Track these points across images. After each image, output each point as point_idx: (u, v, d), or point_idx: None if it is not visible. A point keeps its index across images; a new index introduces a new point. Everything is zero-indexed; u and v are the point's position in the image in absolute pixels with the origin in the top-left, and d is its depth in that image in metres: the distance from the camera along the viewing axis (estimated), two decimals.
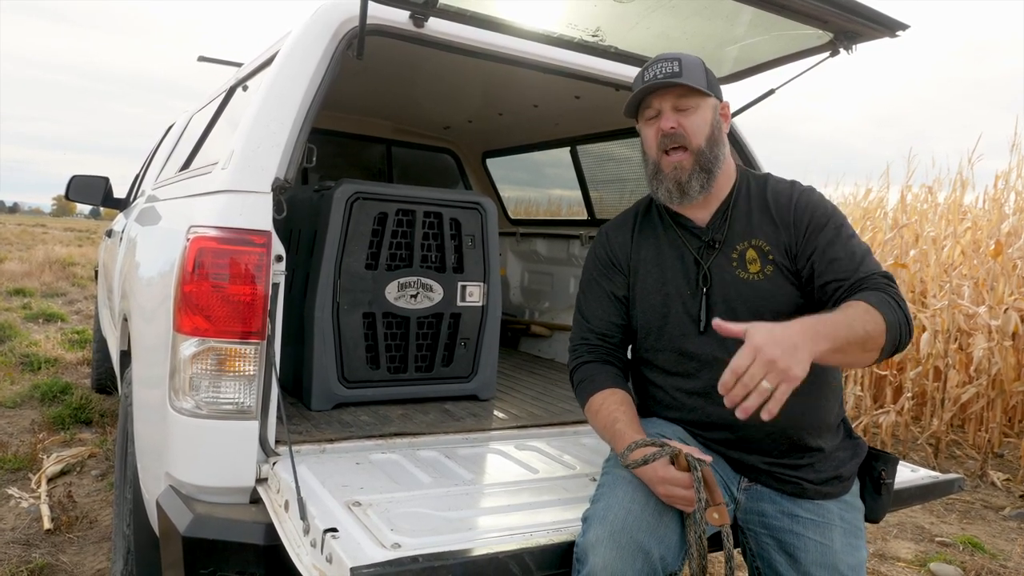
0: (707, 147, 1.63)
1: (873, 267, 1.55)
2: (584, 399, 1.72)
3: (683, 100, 1.62)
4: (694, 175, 1.63)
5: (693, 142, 1.62)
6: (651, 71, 1.64)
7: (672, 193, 1.66)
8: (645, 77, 1.65)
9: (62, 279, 13.05)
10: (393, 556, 1.28)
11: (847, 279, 1.53)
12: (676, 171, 1.64)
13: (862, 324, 1.38)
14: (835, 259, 1.56)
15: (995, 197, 5.91)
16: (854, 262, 1.55)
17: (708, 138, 1.63)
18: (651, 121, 1.67)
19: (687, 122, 1.62)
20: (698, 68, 1.63)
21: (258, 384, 1.67)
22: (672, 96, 1.63)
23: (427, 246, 2.53)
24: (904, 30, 1.95)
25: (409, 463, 1.86)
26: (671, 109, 1.63)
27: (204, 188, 1.92)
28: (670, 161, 1.64)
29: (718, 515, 1.42)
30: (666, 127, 1.63)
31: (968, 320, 5.08)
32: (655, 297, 1.70)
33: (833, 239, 1.58)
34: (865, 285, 1.51)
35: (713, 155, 1.64)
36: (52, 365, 6.04)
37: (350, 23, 1.90)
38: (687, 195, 1.65)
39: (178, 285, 1.67)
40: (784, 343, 1.26)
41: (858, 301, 1.44)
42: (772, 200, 1.66)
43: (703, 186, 1.64)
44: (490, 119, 3.81)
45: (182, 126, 3.84)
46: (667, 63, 1.63)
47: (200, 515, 1.57)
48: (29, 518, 3.15)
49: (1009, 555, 3.49)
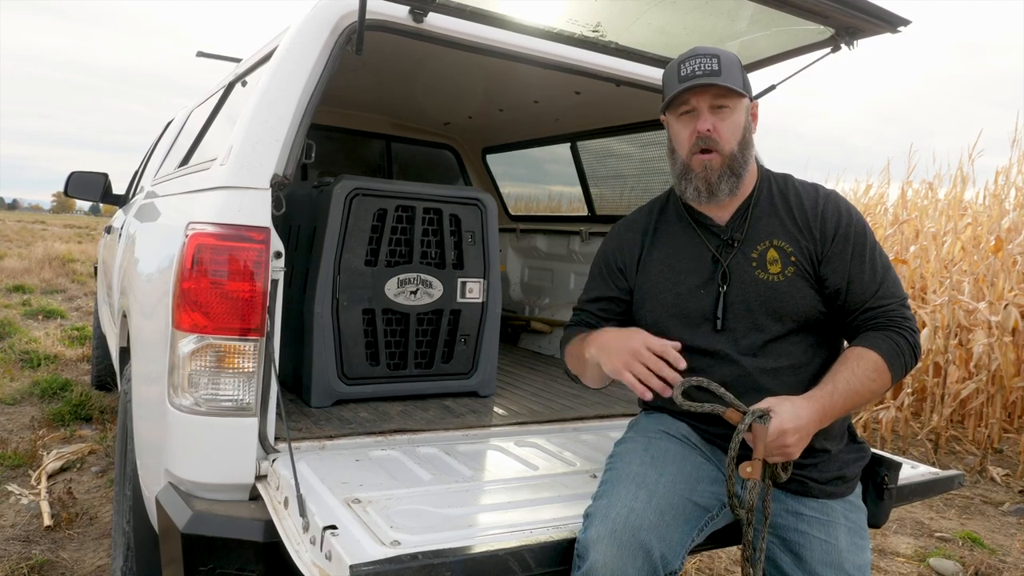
0: (739, 151, 1.62)
1: (890, 292, 1.59)
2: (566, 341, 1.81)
3: (720, 99, 1.60)
4: (723, 177, 1.62)
5: (726, 147, 1.61)
6: (689, 66, 1.59)
7: (701, 193, 1.64)
8: (682, 72, 1.60)
9: (62, 276, 13.04)
10: (392, 553, 1.28)
11: (865, 302, 1.59)
12: (706, 171, 1.62)
13: (869, 387, 1.51)
14: (858, 279, 1.59)
15: (995, 193, 5.91)
16: (875, 282, 1.59)
17: (740, 141, 1.62)
18: (684, 118, 1.64)
19: (722, 125, 1.60)
20: (736, 66, 1.61)
21: (257, 381, 1.67)
22: (709, 95, 1.59)
23: (427, 242, 2.52)
24: (905, 25, 1.94)
25: (409, 460, 1.86)
26: (708, 109, 1.60)
27: (203, 184, 1.92)
28: (700, 160, 1.62)
29: (751, 468, 1.42)
30: (703, 129, 1.60)
31: (968, 316, 5.08)
32: (667, 295, 1.69)
33: (858, 256, 1.60)
34: (880, 319, 1.57)
35: (743, 158, 1.63)
36: (52, 362, 6.04)
37: (349, 18, 1.89)
38: (715, 196, 1.63)
39: (177, 281, 1.66)
40: (801, 432, 1.45)
41: (871, 353, 1.52)
42: (795, 202, 1.66)
43: (732, 189, 1.63)
44: (490, 115, 3.80)
45: (181, 122, 3.83)
46: (706, 59, 1.59)
47: (199, 512, 1.56)
48: (29, 515, 3.15)
49: (1008, 550, 3.49)
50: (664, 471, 1.53)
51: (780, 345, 1.60)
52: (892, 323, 1.56)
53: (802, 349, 1.60)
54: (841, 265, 1.59)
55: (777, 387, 1.57)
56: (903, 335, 1.55)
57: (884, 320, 1.57)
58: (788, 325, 1.59)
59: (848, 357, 1.54)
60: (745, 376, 1.59)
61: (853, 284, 1.58)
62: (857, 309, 1.58)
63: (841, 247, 1.60)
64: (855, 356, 1.53)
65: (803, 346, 1.61)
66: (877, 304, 1.57)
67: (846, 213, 1.63)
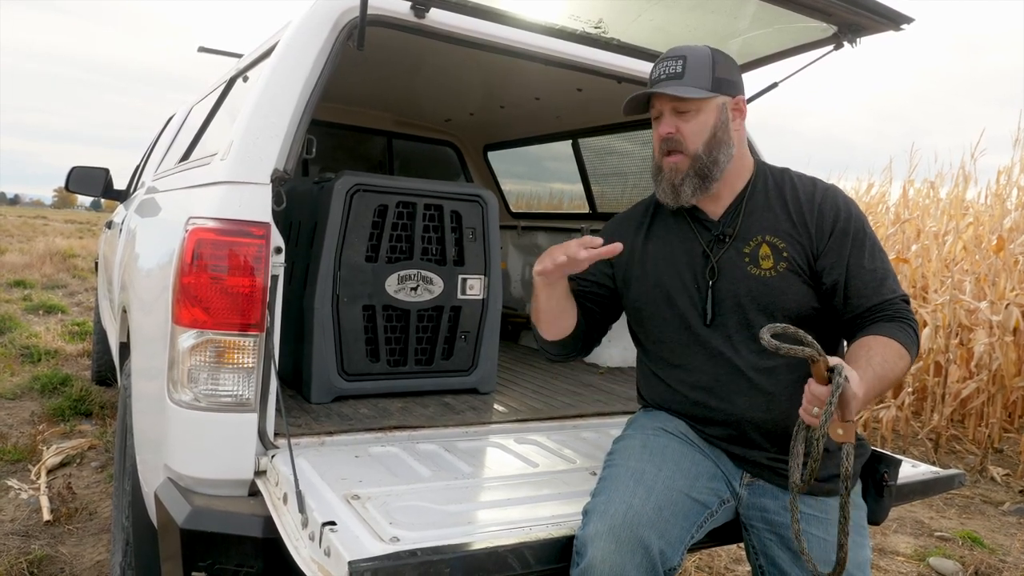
0: (704, 151, 1.61)
1: (892, 289, 1.57)
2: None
3: (683, 103, 1.60)
4: (687, 179, 1.63)
5: (690, 148, 1.61)
6: (657, 69, 1.63)
7: (667, 194, 1.67)
8: (652, 75, 1.64)
9: (63, 271, 13.05)
10: (392, 550, 1.28)
11: (867, 300, 1.56)
12: (672, 173, 1.64)
13: (896, 374, 1.47)
14: (858, 275, 1.57)
15: (997, 192, 5.90)
16: (875, 279, 1.57)
17: (707, 142, 1.61)
18: (656, 121, 1.67)
19: (685, 127, 1.61)
20: (704, 66, 1.60)
21: (257, 376, 1.67)
22: (670, 98, 1.61)
23: (428, 239, 2.52)
24: (909, 23, 1.93)
25: (408, 456, 1.86)
26: (671, 112, 1.62)
27: (203, 179, 1.91)
28: (669, 163, 1.64)
29: (842, 431, 1.29)
30: (663, 132, 1.63)
31: (969, 315, 5.08)
32: (658, 290, 1.69)
33: (857, 251, 1.58)
34: (887, 312, 1.55)
35: (712, 159, 1.62)
36: (52, 357, 6.04)
37: (351, 13, 1.88)
38: (680, 197, 1.65)
39: (177, 277, 1.66)
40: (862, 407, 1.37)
41: (893, 342, 1.48)
42: (791, 197, 1.65)
43: (695, 190, 1.63)
44: (491, 111, 3.79)
45: (182, 117, 3.83)
46: (672, 62, 1.61)
47: (198, 508, 1.56)
48: (28, 509, 3.15)
49: (1008, 550, 3.49)
50: (663, 467, 1.53)
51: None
52: (899, 316, 1.55)
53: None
54: (839, 260, 1.57)
55: (772, 386, 1.56)
56: (911, 327, 1.54)
57: (892, 313, 1.55)
58: (779, 322, 1.58)
59: (873, 344, 1.47)
60: (739, 374, 1.58)
61: (853, 280, 1.56)
62: (859, 305, 1.56)
63: (839, 242, 1.58)
64: (882, 343, 1.47)
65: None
66: (882, 300, 1.56)
67: (844, 207, 1.62)
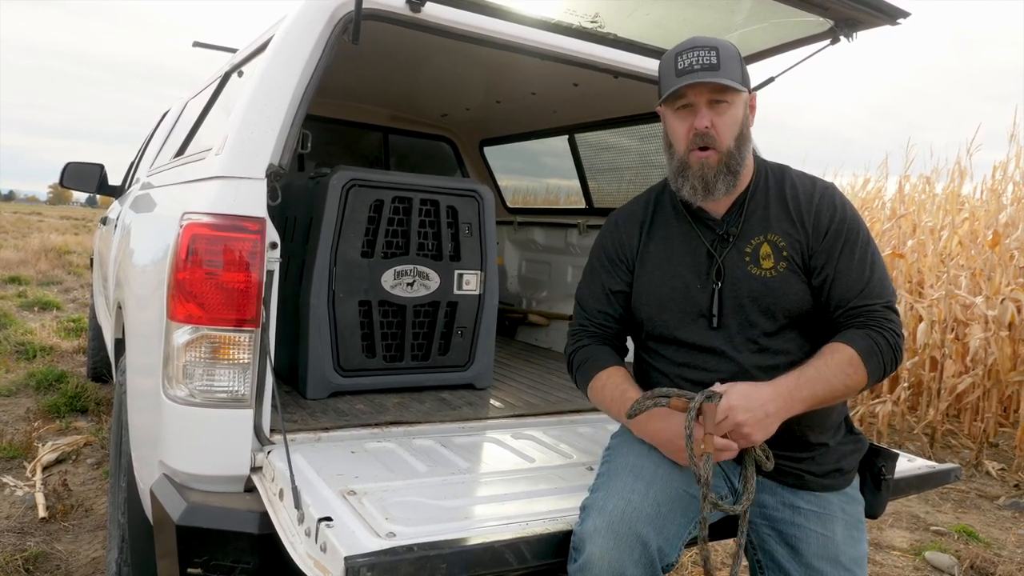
0: (735, 147, 1.58)
1: (876, 293, 1.56)
2: (588, 377, 1.71)
3: (718, 94, 1.54)
4: (720, 175, 1.57)
5: (723, 144, 1.56)
6: (686, 58, 1.53)
7: (697, 190, 1.59)
8: (679, 64, 1.54)
9: (58, 267, 13.00)
10: (388, 545, 1.28)
11: (846, 302, 1.55)
12: (703, 169, 1.57)
13: (842, 380, 1.48)
14: (843, 277, 1.56)
15: (993, 187, 5.91)
16: (861, 281, 1.56)
17: (738, 137, 1.58)
18: (682, 112, 1.59)
19: (720, 121, 1.55)
20: (735, 59, 1.55)
21: (252, 372, 1.66)
22: (707, 90, 1.54)
23: (424, 234, 2.51)
24: (905, 18, 1.93)
25: (405, 452, 1.85)
26: (705, 104, 1.55)
27: (198, 174, 1.91)
28: (698, 158, 1.57)
29: (704, 444, 1.40)
30: (700, 126, 1.55)
31: (965, 310, 5.09)
32: (663, 289, 1.67)
33: (847, 253, 1.57)
34: (861, 318, 1.54)
35: (740, 155, 1.59)
36: (48, 353, 6.02)
37: (346, 7, 1.87)
38: (712, 194, 1.59)
39: (171, 272, 1.65)
40: (757, 410, 1.41)
41: (845, 347, 1.50)
42: (791, 195, 1.63)
43: (728, 187, 1.59)
44: (488, 107, 3.78)
45: (177, 113, 3.81)
46: (704, 51, 1.53)
47: (194, 504, 1.56)
48: (24, 506, 3.14)
49: (1003, 544, 3.50)
50: (661, 464, 1.53)
51: (774, 342, 1.58)
52: (873, 322, 1.53)
53: (798, 345, 1.58)
54: (829, 261, 1.56)
55: None
56: (883, 335, 1.51)
57: (865, 319, 1.53)
58: (779, 321, 1.58)
59: (823, 350, 1.52)
60: (743, 373, 1.57)
61: (839, 280, 1.55)
62: (840, 306, 1.55)
63: (832, 242, 1.57)
64: (829, 349, 1.51)
65: (798, 342, 1.59)
66: (861, 303, 1.54)
67: (840, 208, 1.61)
